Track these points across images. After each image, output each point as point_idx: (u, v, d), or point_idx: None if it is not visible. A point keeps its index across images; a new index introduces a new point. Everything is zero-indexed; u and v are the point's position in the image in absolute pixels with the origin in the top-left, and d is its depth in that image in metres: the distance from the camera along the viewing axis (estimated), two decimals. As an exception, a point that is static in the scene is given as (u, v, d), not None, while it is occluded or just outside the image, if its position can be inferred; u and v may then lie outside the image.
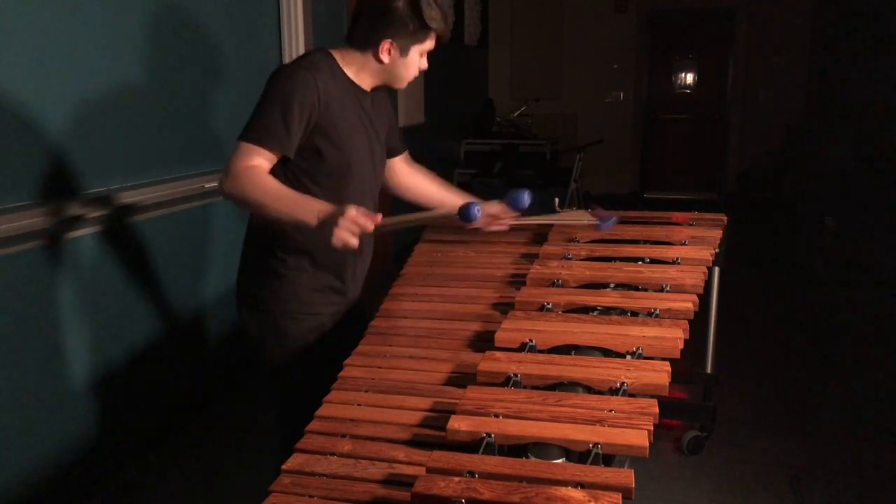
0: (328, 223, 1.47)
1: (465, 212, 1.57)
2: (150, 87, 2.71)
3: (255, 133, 1.58)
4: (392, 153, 1.95)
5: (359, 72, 1.72)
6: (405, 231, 1.86)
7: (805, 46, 7.77)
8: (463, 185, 6.87)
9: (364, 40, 1.68)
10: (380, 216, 1.52)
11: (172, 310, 2.90)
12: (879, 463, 2.71)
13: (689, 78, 8.36)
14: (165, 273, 2.84)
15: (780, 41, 7.86)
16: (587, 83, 8.28)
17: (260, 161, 1.58)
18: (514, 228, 2.11)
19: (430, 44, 1.70)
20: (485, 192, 2.27)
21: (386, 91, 1.86)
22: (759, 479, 2.61)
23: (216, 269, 3.15)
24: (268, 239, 1.73)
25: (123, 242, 2.62)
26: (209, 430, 3.02)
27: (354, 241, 1.48)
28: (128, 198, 2.56)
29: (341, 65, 1.70)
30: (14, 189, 2.13)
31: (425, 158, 2.17)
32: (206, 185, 2.90)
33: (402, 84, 1.77)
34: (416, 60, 1.71)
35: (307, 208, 1.53)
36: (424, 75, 1.86)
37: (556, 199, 2.59)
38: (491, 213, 1.88)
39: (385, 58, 1.68)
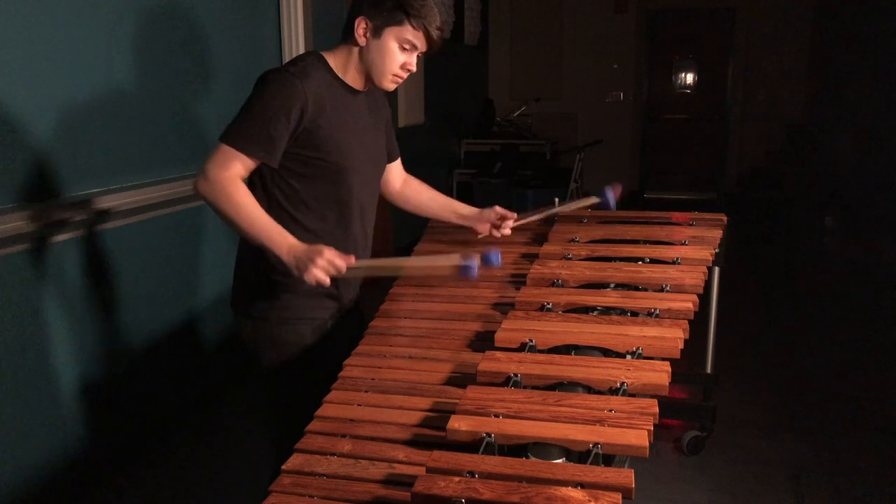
0: (301, 260, 1.48)
1: (464, 268, 1.52)
2: (147, 89, 2.69)
3: (237, 138, 1.55)
4: (388, 158, 1.91)
5: (347, 68, 1.67)
6: (386, 272, 1.80)
7: (805, 46, 7.77)
8: (463, 185, 6.92)
9: (346, 26, 1.64)
10: (353, 258, 1.52)
11: (166, 313, 2.86)
12: (879, 463, 2.71)
13: (689, 78, 8.35)
14: (159, 275, 2.80)
15: (780, 41, 7.86)
16: (587, 83, 8.28)
17: (239, 168, 1.55)
18: (514, 229, 2.11)
19: (410, 33, 1.60)
20: (485, 192, 2.27)
21: (382, 91, 1.77)
22: (759, 479, 2.61)
23: (212, 269, 3.12)
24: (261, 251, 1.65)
25: (118, 245, 2.58)
26: (208, 432, 3.02)
27: (327, 281, 1.49)
28: (130, 198, 2.55)
29: (333, 66, 1.66)
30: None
31: (425, 158, 2.18)
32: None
33: (384, 78, 1.65)
34: (392, 50, 1.61)
35: (278, 240, 1.52)
36: (424, 75, 1.84)
37: (556, 199, 2.60)
38: (494, 218, 1.99)
39: (360, 39, 1.61)
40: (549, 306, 1.72)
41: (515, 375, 1.38)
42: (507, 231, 2.02)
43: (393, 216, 4.65)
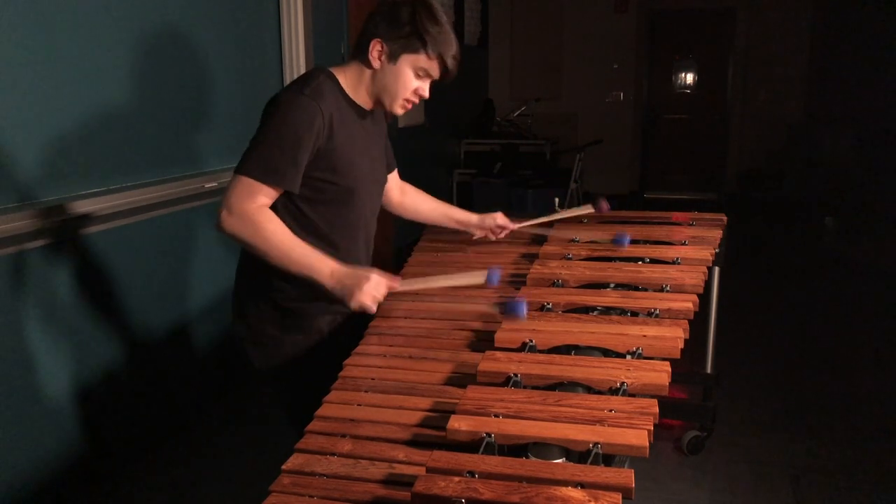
0: (347, 286, 1.47)
1: (509, 308, 1.54)
2: (144, 93, 2.66)
3: (258, 169, 1.50)
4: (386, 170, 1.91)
5: (357, 87, 1.65)
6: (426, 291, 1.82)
7: (805, 46, 7.77)
8: (463, 185, 6.91)
9: (361, 44, 1.61)
10: (398, 281, 1.53)
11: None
12: (879, 463, 2.71)
13: (689, 78, 8.35)
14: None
15: (780, 41, 7.86)
16: (587, 83, 8.27)
17: (263, 200, 1.52)
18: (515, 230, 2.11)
19: (425, 61, 1.58)
20: (485, 193, 2.28)
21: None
22: (759, 479, 2.61)
23: (203, 273, 3.03)
24: (263, 268, 1.59)
25: (112, 246, 2.54)
26: (208, 431, 3.02)
27: (373, 309, 1.48)
28: (134, 197, 2.53)
29: (343, 85, 1.64)
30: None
31: (425, 159, 2.19)
32: (206, 185, 2.90)
33: (395, 102, 1.64)
34: (406, 75, 1.60)
35: (319, 267, 1.50)
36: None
37: (557, 199, 2.60)
38: (493, 226, 2.05)
39: (374, 61, 1.59)
40: (549, 306, 1.72)
41: (515, 375, 1.38)
42: (503, 236, 2.10)
43: (394, 217, 4.62)
